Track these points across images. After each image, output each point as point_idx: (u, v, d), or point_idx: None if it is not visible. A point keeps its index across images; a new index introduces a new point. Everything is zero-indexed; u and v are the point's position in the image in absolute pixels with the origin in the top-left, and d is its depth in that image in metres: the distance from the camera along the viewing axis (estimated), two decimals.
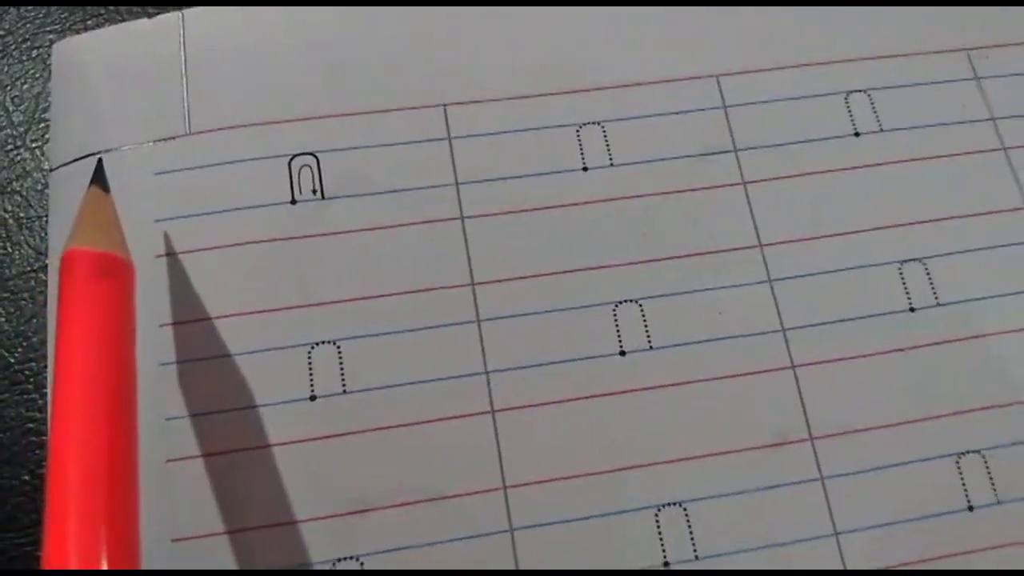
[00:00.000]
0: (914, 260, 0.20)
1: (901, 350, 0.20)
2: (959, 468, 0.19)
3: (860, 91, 0.22)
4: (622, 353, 0.19)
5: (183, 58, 0.21)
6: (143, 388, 0.18)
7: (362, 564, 0.18)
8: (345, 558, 0.18)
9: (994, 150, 0.21)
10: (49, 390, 0.19)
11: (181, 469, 0.18)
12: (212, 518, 0.18)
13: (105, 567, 0.14)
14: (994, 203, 0.21)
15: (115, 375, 0.15)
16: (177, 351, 0.19)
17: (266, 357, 0.19)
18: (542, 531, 0.18)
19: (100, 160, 0.19)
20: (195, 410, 0.18)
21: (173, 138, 0.20)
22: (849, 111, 0.22)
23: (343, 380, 0.19)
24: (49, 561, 0.13)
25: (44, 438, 0.20)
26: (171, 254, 0.19)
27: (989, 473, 0.19)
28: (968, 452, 0.19)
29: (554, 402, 0.19)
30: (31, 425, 0.20)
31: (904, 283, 0.20)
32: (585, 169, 0.21)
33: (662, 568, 0.18)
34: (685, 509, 0.18)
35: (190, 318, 0.19)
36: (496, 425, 0.19)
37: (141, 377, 0.18)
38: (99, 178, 0.18)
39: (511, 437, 0.19)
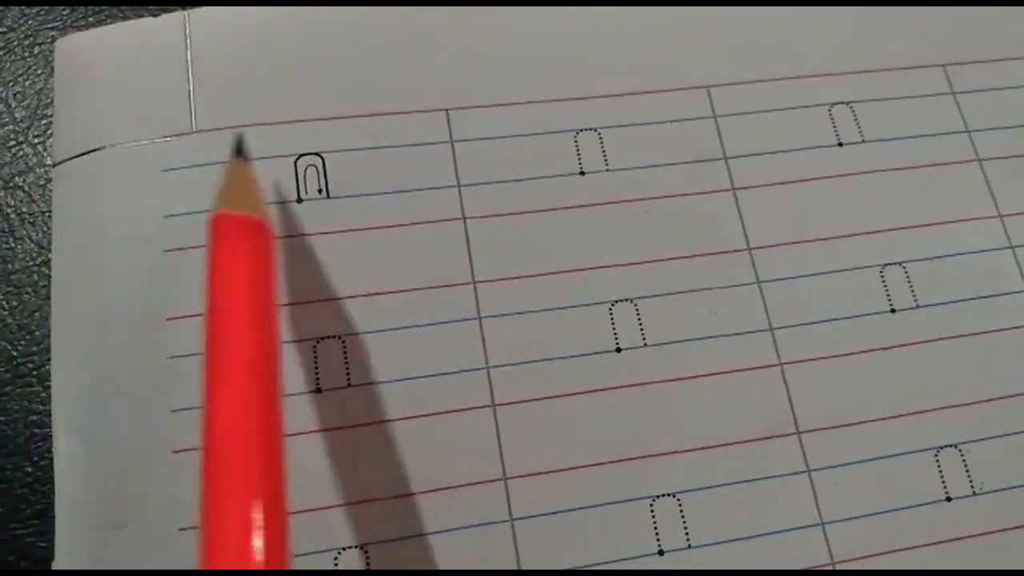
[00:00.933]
0: (895, 264, 0.21)
1: (883, 349, 0.21)
2: (937, 461, 0.20)
3: (843, 103, 0.23)
4: (618, 350, 0.20)
5: (188, 56, 0.21)
6: (151, 380, 0.19)
7: (367, 553, 0.18)
8: (349, 547, 0.18)
9: (969, 161, 0.23)
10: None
11: (188, 460, 0.18)
12: None
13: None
14: (969, 211, 0.22)
15: (271, 332, 0.16)
16: (184, 344, 0.19)
17: None
18: (541, 521, 0.19)
19: (241, 135, 0.19)
20: (202, 403, 0.19)
21: (179, 135, 0.21)
22: (833, 122, 0.23)
23: (348, 374, 0.19)
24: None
25: (47, 430, 0.20)
26: (178, 249, 0.20)
27: (966, 466, 0.20)
28: (946, 446, 0.20)
29: (553, 396, 0.20)
30: (34, 417, 0.20)
31: (885, 285, 0.21)
32: (582, 173, 0.21)
33: (656, 555, 0.19)
34: (679, 500, 0.19)
35: (197, 312, 0.19)
36: (497, 419, 0.19)
37: (149, 369, 0.19)
38: (239, 150, 0.18)
39: (511, 430, 0.19)
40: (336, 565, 0.18)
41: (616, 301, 0.20)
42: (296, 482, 0.18)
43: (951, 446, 0.20)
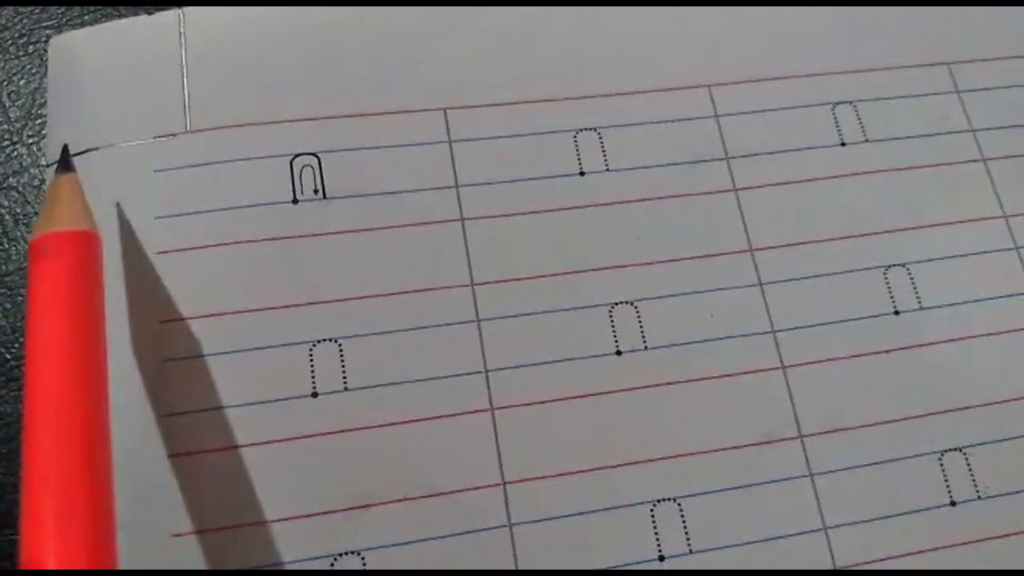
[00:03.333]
0: (898, 265, 0.21)
1: (886, 351, 0.20)
2: (942, 465, 0.20)
3: (846, 102, 0.23)
4: (618, 353, 0.20)
5: (183, 55, 0.21)
6: (145, 384, 0.19)
7: (363, 560, 0.18)
8: (346, 553, 0.18)
9: (974, 160, 0.22)
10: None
11: (182, 464, 0.18)
12: (213, 513, 0.18)
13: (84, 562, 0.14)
14: (974, 211, 0.22)
15: (90, 350, 0.16)
16: (179, 347, 0.19)
17: (268, 354, 0.19)
18: (540, 526, 0.19)
19: (65, 146, 0.19)
20: (197, 406, 0.19)
21: (173, 135, 0.20)
22: (836, 121, 0.22)
23: (344, 377, 0.19)
24: (28, 560, 0.14)
25: None
26: (172, 251, 0.19)
27: (970, 470, 0.20)
28: (950, 450, 0.20)
29: (552, 400, 0.19)
30: None
31: (889, 287, 0.21)
32: (582, 174, 0.21)
33: (656, 561, 0.19)
34: (679, 504, 0.19)
35: (192, 315, 0.19)
36: (495, 422, 0.19)
37: (143, 373, 0.19)
38: (63, 162, 0.18)
39: (510, 434, 0.19)
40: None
41: (616, 303, 0.20)
42: (292, 488, 0.18)
43: (955, 450, 0.20)
